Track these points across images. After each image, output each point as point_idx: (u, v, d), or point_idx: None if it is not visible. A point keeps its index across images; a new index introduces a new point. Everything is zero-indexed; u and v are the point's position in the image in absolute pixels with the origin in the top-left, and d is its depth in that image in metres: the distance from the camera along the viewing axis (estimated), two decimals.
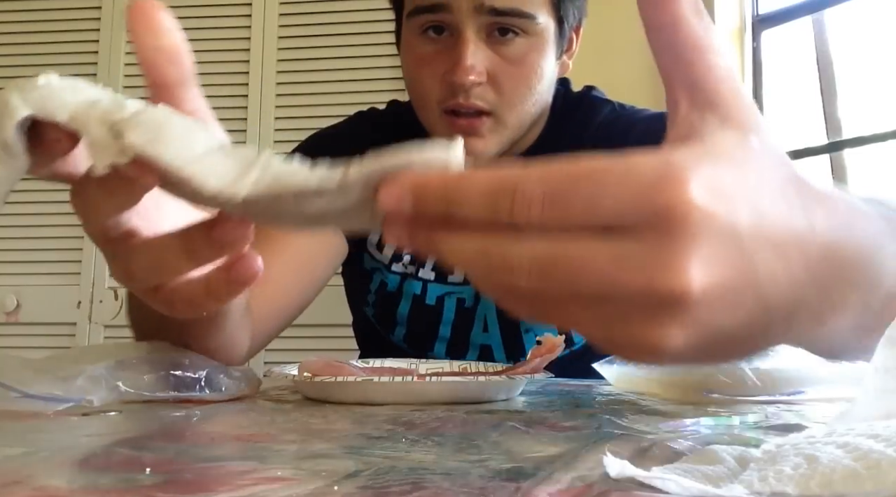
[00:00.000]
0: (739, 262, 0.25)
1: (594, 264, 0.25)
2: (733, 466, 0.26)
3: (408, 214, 0.27)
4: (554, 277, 0.25)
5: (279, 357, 1.33)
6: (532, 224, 0.25)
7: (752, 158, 0.27)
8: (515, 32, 0.76)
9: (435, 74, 0.77)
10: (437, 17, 0.76)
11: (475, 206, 0.26)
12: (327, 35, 2.19)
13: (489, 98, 0.77)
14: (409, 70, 0.81)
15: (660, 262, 0.24)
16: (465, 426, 0.40)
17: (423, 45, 0.78)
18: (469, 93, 0.76)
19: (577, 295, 0.25)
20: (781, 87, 2.04)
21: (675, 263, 0.24)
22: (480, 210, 0.26)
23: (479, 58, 0.75)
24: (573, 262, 0.25)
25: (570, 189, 0.25)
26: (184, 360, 0.51)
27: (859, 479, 0.21)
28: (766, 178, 0.27)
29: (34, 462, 0.30)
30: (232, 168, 0.28)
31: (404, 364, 0.68)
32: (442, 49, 0.77)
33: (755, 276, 0.26)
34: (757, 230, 0.26)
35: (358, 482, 0.26)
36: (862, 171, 1.84)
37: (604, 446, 0.31)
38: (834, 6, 1.89)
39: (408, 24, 0.80)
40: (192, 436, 0.38)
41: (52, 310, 2.11)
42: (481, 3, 0.73)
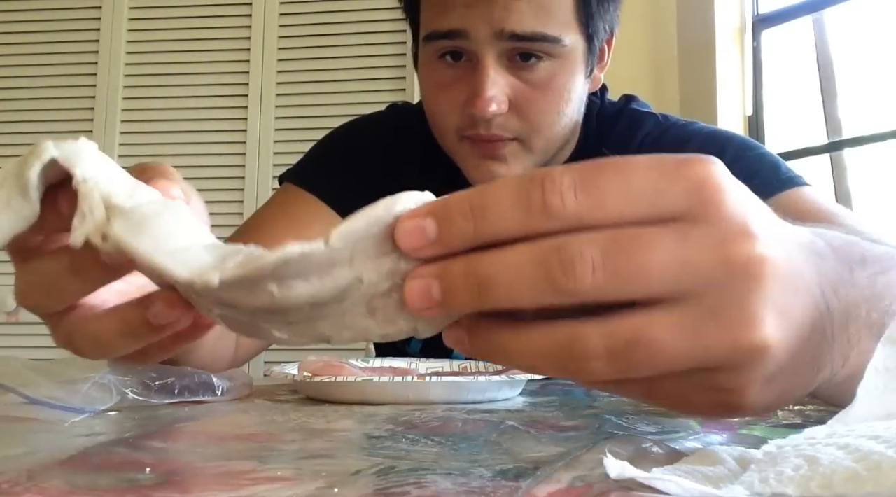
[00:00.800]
0: (798, 304, 0.26)
1: (673, 341, 0.24)
2: (734, 467, 0.26)
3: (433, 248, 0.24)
4: (633, 361, 0.24)
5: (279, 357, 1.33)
6: (567, 214, 0.24)
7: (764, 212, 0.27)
8: (539, 57, 0.69)
9: (454, 102, 0.71)
10: (455, 44, 0.69)
11: (505, 209, 0.24)
12: (327, 35, 2.19)
13: (512, 126, 0.71)
14: (427, 95, 0.76)
15: (739, 318, 0.24)
16: (465, 426, 0.40)
17: (441, 71, 0.72)
18: (490, 124, 0.70)
19: (660, 374, 0.25)
20: (781, 87, 2.04)
21: (755, 316, 0.24)
22: (511, 212, 0.24)
23: (499, 86, 0.68)
24: (651, 345, 0.24)
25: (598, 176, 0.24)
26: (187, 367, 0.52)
27: (860, 481, 0.21)
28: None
29: (34, 462, 0.30)
30: (209, 259, 0.27)
31: (404, 364, 0.67)
32: (460, 76, 0.71)
33: (808, 318, 0.26)
34: (800, 274, 0.26)
35: (358, 482, 0.26)
36: (862, 171, 1.84)
37: (604, 446, 0.31)
38: (834, 6, 1.89)
39: (424, 48, 0.73)
40: (192, 436, 0.38)
41: None
42: (501, 28, 0.67)
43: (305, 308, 0.26)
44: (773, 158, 0.78)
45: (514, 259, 0.24)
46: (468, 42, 0.68)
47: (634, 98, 0.88)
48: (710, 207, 0.24)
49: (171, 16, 2.30)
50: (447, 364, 0.68)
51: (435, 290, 0.25)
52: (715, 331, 0.24)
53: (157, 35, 2.30)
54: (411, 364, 0.67)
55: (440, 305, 0.25)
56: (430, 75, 0.74)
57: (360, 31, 2.15)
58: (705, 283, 0.24)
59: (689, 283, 0.24)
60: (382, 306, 0.26)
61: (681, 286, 0.24)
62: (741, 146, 0.78)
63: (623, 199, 0.24)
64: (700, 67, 2.03)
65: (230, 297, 0.26)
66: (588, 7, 0.71)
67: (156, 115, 2.25)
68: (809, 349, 0.27)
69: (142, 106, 2.27)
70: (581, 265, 0.23)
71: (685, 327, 0.24)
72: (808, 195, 0.72)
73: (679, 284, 0.24)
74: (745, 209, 0.25)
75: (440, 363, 0.69)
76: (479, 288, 0.24)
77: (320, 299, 0.26)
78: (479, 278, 0.24)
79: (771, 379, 0.25)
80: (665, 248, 0.24)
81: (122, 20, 2.30)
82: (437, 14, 0.70)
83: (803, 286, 0.26)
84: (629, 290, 0.24)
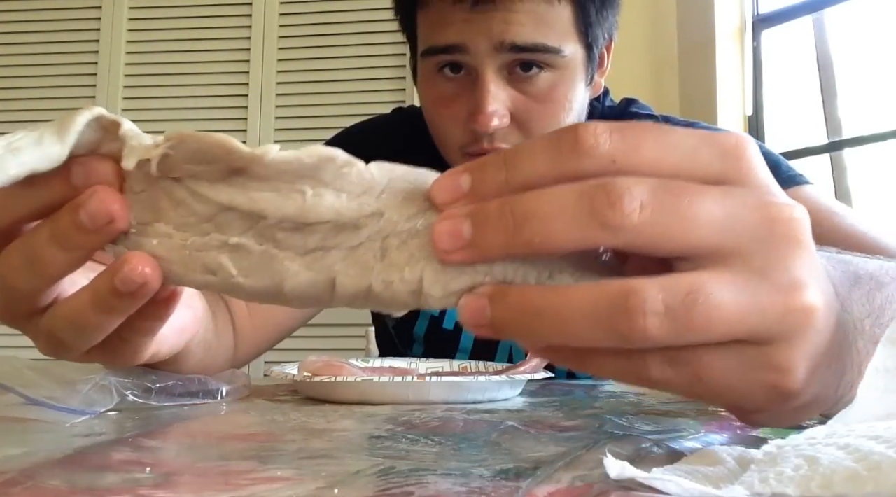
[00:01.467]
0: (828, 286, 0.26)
1: (731, 298, 0.23)
2: (734, 467, 0.26)
3: (466, 199, 0.24)
4: (691, 320, 0.23)
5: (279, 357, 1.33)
6: (601, 152, 0.23)
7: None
8: (540, 67, 0.68)
9: (455, 118, 0.70)
10: (453, 58, 0.69)
11: (537, 154, 0.23)
12: (327, 35, 2.19)
13: (514, 139, 0.70)
14: (428, 110, 0.75)
15: (788, 279, 0.24)
16: (465, 426, 0.40)
17: (441, 85, 0.71)
18: (493, 137, 0.69)
19: (713, 340, 0.24)
20: (781, 87, 2.04)
21: (802, 278, 0.24)
22: (543, 154, 0.23)
23: (500, 101, 0.68)
24: (709, 301, 0.23)
25: (634, 128, 0.24)
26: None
27: (860, 481, 0.21)
28: None
29: (34, 462, 0.30)
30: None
31: (404, 364, 0.68)
32: (460, 90, 0.70)
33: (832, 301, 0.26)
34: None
35: (358, 482, 0.26)
36: (862, 171, 1.84)
37: (604, 446, 0.31)
38: (834, 6, 1.89)
39: (423, 62, 0.73)
40: (192, 436, 0.38)
41: None
42: (501, 40, 0.66)
43: (325, 229, 0.26)
44: (774, 157, 0.79)
45: (556, 194, 0.23)
46: (467, 56, 0.68)
47: (634, 101, 0.88)
48: (747, 172, 0.24)
49: (171, 16, 2.30)
50: (447, 364, 0.69)
51: (466, 228, 0.24)
52: (768, 291, 0.23)
53: (157, 35, 2.30)
54: (411, 364, 0.68)
55: (469, 246, 0.24)
56: (430, 90, 0.73)
57: (360, 31, 2.15)
58: (750, 240, 0.23)
59: (734, 239, 0.23)
60: (395, 249, 0.26)
61: (727, 242, 0.23)
62: None
63: (660, 149, 0.24)
64: (700, 67, 2.03)
65: (261, 201, 0.26)
66: (587, 16, 0.70)
67: (156, 116, 2.25)
68: (836, 341, 0.26)
69: (142, 106, 2.27)
70: (629, 200, 0.22)
71: (739, 286, 0.23)
72: (809, 194, 0.73)
73: (725, 239, 0.23)
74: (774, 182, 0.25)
75: (440, 363, 0.69)
76: (514, 225, 0.23)
77: (342, 219, 0.26)
78: (515, 214, 0.23)
79: (815, 361, 0.25)
80: (712, 200, 0.23)
81: (122, 20, 2.30)
82: (435, 29, 0.69)
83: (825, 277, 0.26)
84: (677, 236, 0.23)
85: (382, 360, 0.69)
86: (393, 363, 0.67)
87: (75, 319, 0.31)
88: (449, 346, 0.84)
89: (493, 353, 0.83)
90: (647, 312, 0.22)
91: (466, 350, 0.84)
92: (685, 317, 0.23)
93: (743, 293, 0.23)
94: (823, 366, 0.26)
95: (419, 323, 0.85)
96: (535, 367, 0.58)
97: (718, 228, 0.23)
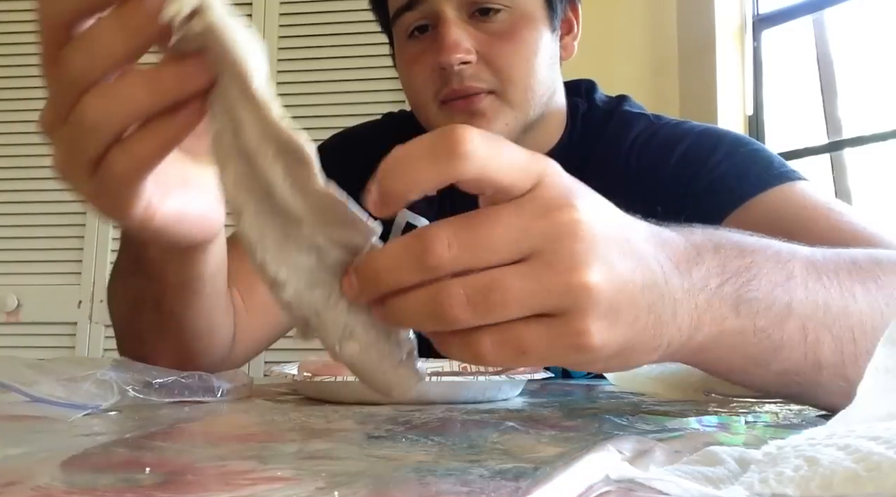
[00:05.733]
0: (626, 263, 0.32)
1: (520, 284, 0.30)
2: (734, 468, 0.26)
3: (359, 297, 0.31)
4: (490, 304, 0.30)
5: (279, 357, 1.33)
6: (447, 264, 0.29)
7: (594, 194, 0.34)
8: (497, 10, 0.74)
9: (426, 68, 0.75)
10: (418, 14, 0.75)
11: (398, 270, 0.30)
12: (327, 35, 2.19)
13: (485, 77, 0.74)
14: (403, 73, 0.80)
15: (569, 263, 0.30)
16: (465, 426, 0.40)
17: (412, 47, 0.77)
18: (462, 76, 0.73)
19: (514, 317, 0.30)
20: (781, 87, 2.04)
21: (580, 263, 0.30)
22: (404, 270, 0.30)
23: (463, 36, 0.72)
24: (502, 287, 0.30)
25: (473, 226, 0.30)
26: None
27: (860, 481, 0.21)
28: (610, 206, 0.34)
29: (34, 462, 0.30)
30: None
31: None
32: (429, 44, 0.75)
33: (634, 241, 0.33)
34: (627, 241, 0.33)
35: (358, 482, 0.26)
36: (862, 171, 1.84)
37: (604, 446, 0.31)
38: (834, 6, 1.89)
39: (396, 34, 0.79)
40: (192, 436, 0.38)
41: (52, 310, 2.11)
42: None
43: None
44: (767, 154, 0.79)
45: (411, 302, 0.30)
46: (427, 6, 0.74)
47: (627, 98, 0.89)
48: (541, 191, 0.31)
49: None
50: (447, 364, 0.68)
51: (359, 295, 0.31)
52: (551, 275, 0.30)
53: None
54: None
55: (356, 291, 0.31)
56: (403, 55, 0.78)
57: (359, 31, 2.15)
58: (540, 241, 0.30)
59: (527, 244, 0.30)
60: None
61: (521, 248, 0.30)
62: (734, 142, 0.79)
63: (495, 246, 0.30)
64: (700, 67, 2.03)
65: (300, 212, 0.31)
66: None
67: None
68: (645, 302, 0.33)
69: None
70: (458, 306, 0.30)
71: (529, 275, 0.30)
72: (801, 190, 0.72)
73: (519, 247, 0.30)
74: (571, 190, 0.32)
75: (440, 363, 0.69)
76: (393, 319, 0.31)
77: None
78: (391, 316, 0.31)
79: (610, 321, 0.31)
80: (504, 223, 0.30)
81: None
82: None
83: (631, 252, 0.32)
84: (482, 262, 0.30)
85: None
86: None
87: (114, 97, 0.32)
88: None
89: None
90: (455, 304, 0.30)
91: None
92: (484, 303, 0.30)
93: (531, 279, 0.30)
94: (624, 323, 0.32)
95: None
96: (535, 367, 0.58)
97: (512, 241, 0.30)
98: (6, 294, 2.12)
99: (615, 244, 0.32)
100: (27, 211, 2.12)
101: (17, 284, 2.14)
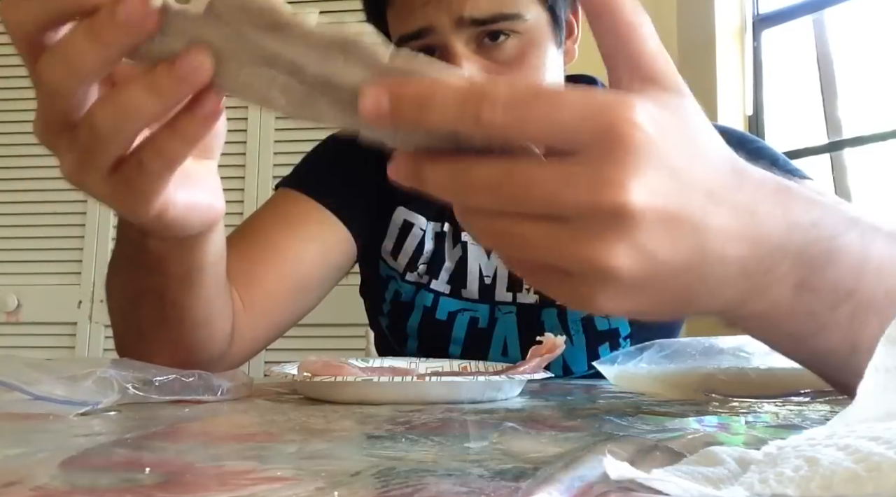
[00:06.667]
0: (677, 194, 0.29)
1: (543, 181, 0.28)
2: (734, 468, 0.26)
3: (384, 120, 0.29)
4: (507, 193, 0.28)
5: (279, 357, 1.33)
6: (494, 124, 0.27)
7: (690, 113, 0.32)
8: (506, 34, 0.73)
9: None
10: (424, 42, 0.73)
11: (447, 108, 0.28)
12: None
13: None
14: None
15: (603, 177, 0.27)
16: (465, 426, 0.40)
17: None
18: None
19: (528, 213, 0.28)
20: (781, 87, 2.04)
21: (617, 179, 0.27)
22: (450, 112, 0.28)
23: (474, 70, 0.71)
24: (524, 178, 0.28)
25: (531, 100, 0.28)
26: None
27: (860, 482, 0.21)
28: (701, 131, 0.31)
29: (34, 462, 0.30)
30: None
31: (404, 364, 0.68)
32: None
33: (691, 213, 0.29)
34: (691, 171, 0.29)
35: (358, 482, 0.26)
36: (862, 170, 1.84)
37: (604, 446, 0.31)
38: (834, 6, 1.89)
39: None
40: (192, 436, 0.38)
41: (52, 310, 2.11)
42: (461, 16, 0.71)
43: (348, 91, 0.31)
44: (772, 151, 0.79)
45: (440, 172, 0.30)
46: (435, 36, 0.72)
47: None
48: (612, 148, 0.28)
49: None
50: (447, 364, 0.69)
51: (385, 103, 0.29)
52: (581, 183, 0.27)
53: None
54: (411, 364, 0.68)
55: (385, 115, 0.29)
56: None
57: None
58: (582, 141, 0.28)
59: (568, 137, 0.28)
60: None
61: (564, 142, 0.28)
62: (739, 140, 0.79)
63: (544, 126, 0.28)
64: (700, 67, 2.03)
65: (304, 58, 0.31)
66: None
67: None
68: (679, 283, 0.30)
69: None
70: (478, 188, 0.29)
71: (557, 174, 0.28)
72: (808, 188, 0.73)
73: (564, 139, 0.28)
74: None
75: (440, 363, 0.69)
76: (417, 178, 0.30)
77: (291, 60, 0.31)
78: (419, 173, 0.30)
79: (638, 252, 0.28)
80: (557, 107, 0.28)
81: None
82: (401, 20, 0.74)
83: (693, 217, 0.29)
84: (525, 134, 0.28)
85: (382, 360, 0.69)
86: (393, 363, 0.67)
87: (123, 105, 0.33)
88: (442, 337, 0.85)
89: (488, 343, 0.84)
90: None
91: (459, 341, 0.85)
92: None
93: (563, 178, 0.28)
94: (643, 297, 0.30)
95: (413, 316, 0.86)
96: (535, 367, 0.58)
97: (559, 130, 0.28)
98: (6, 294, 2.12)
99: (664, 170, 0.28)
100: (27, 211, 2.12)
101: (17, 284, 2.14)
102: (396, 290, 0.87)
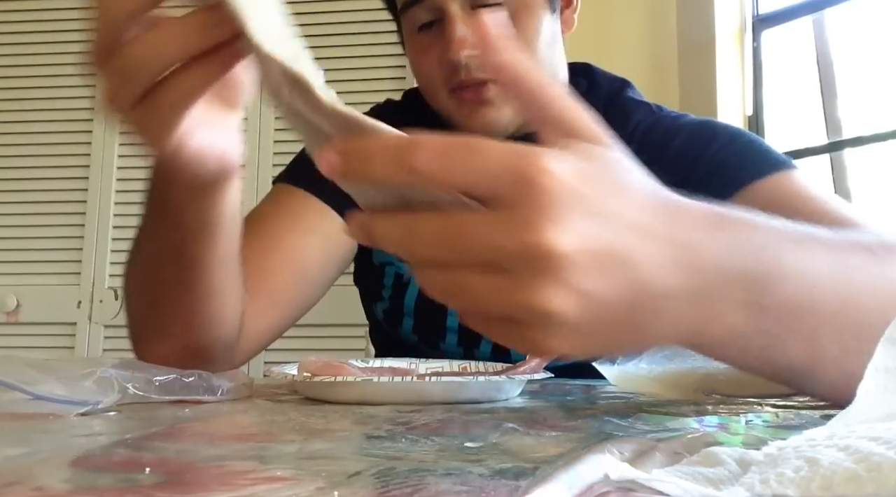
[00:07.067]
0: (604, 235, 0.30)
1: (475, 227, 0.30)
2: (734, 469, 0.26)
3: (337, 176, 0.32)
4: (448, 244, 0.30)
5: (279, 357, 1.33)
6: (426, 172, 0.29)
7: (614, 161, 0.33)
8: (499, 2, 0.76)
9: (434, 60, 0.79)
10: (424, 7, 0.78)
11: (387, 159, 0.30)
12: (327, 35, 2.19)
13: None
14: (413, 64, 0.83)
15: (524, 221, 0.29)
16: (465, 426, 0.40)
17: (421, 39, 0.81)
18: (470, 67, 0.76)
19: (470, 263, 0.30)
20: (781, 87, 2.04)
21: (536, 223, 0.29)
22: (389, 163, 0.30)
23: (468, 31, 0.75)
24: (460, 226, 0.30)
25: (459, 150, 0.30)
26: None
27: (860, 482, 0.21)
28: (627, 175, 0.33)
29: (34, 462, 0.30)
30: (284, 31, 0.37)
31: (404, 364, 0.67)
32: (437, 36, 0.79)
33: (620, 250, 0.30)
34: (619, 213, 0.31)
35: (358, 482, 0.26)
36: (862, 171, 1.84)
37: (604, 446, 0.31)
38: (834, 6, 1.89)
39: (405, 24, 0.82)
40: (192, 436, 0.38)
41: (52, 310, 2.11)
42: None
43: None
44: (764, 145, 0.83)
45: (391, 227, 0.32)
46: (434, 1, 0.76)
47: (631, 85, 0.92)
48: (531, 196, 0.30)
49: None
50: (447, 364, 0.68)
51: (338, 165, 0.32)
52: (508, 229, 0.29)
53: None
54: (411, 364, 0.68)
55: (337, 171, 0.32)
56: (413, 47, 0.82)
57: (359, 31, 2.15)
58: (504, 189, 0.29)
59: (491, 185, 0.29)
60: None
61: (489, 190, 0.30)
62: (731, 134, 0.82)
63: (468, 173, 0.30)
64: (700, 67, 2.03)
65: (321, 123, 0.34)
66: None
67: None
68: (625, 320, 0.31)
69: None
70: (423, 238, 0.31)
71: (488, 222, 0.30)
72: (796, 179, 0.75)
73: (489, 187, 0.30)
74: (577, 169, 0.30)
75: (440, 363, 0.69)
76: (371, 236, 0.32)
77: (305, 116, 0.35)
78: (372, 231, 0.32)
79: (575, 294, 0.29)
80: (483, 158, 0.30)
81: None
82: None
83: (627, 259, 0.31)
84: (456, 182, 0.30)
85: (382, 361, 0.69)
86: (393, 363, 0.67)
87: (152, 42, 0.38)
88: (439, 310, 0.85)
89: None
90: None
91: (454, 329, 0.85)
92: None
93: (491, 224, 0.29)
94: (590, 338, 0.31)
95: (409, 292, 0.87)
96: (535, 368, 0.58)
97: (483, 178, 0.29)
98: (6, 294, 2.12)
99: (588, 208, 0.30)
100: (27, 211, 2.13)
101: (17, 284, 2.14)
102: (396, 272, 0.88)
